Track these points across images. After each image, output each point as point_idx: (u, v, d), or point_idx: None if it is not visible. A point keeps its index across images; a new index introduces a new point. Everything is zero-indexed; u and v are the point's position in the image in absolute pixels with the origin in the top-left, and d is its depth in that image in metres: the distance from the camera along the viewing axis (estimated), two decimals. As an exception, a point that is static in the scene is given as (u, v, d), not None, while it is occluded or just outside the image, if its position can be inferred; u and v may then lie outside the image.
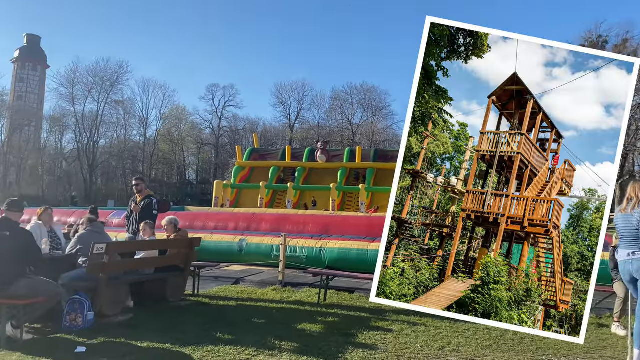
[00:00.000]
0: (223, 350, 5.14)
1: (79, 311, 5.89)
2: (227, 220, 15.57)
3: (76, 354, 4.96)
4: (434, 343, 5.71)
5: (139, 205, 8.73)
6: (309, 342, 5.55)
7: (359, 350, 5.31)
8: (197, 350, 5.11)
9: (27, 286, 5.46)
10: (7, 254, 5.39)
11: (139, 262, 7.46)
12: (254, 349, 5.23)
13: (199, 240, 8.28)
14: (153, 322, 6.37)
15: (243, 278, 10.54)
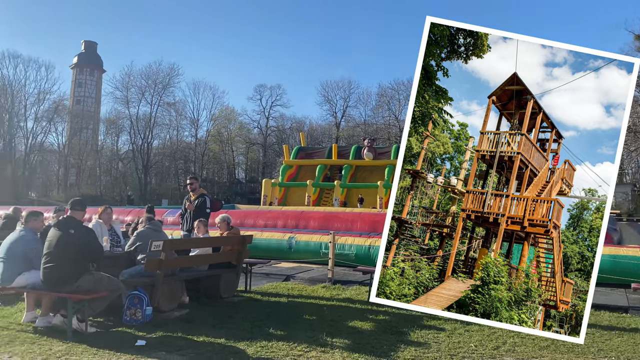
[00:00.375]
0: (276, 346, 5.22)
1: (138, 306, 6.12)
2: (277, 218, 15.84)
3: (137, 347, 5.14)
4: (488, 343, 5.61)
5: (193, 203, 8.97)
6: (360, 340, 5.57)
7: (410, 348, 5.27)
8: (251, 346, 5.21)
9: (91, 281, 5.71)
10: (72, 251, 5.65)
11: (193, 259, 7.65)
12: (306, 345, 5.28)
13: (250, 237, 8.45)
14: (207, 317, 6.54)
15: (293, 275, 10.71)
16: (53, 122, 62.80)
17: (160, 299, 6.52)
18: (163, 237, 7.22)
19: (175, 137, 69.18)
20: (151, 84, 66.02)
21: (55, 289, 5.64)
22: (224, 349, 5.11)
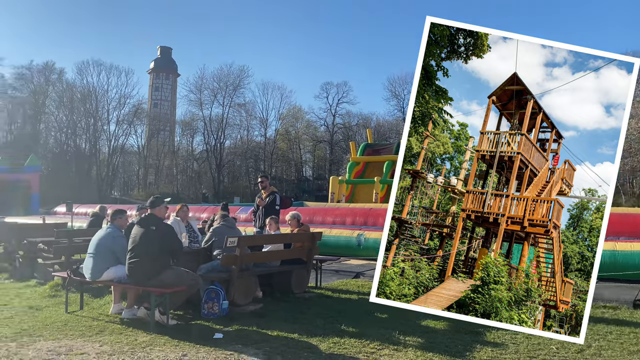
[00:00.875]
0: (348, 343, 5.23)
1: (215, 300, 6.35)
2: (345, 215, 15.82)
3: (215, 340, 5.31)
4: (571, 345, 5.27)
5: (264, 201, 9.24)
6: (434, 339, 5.47)
7: (486, 349, 5.12)
8: (324, 342, 5.25)
9: (172, 276, 5.96)
10: (154, 247, 5.94)
11: (266, 254, 7.82)
12: (378, 342, 5.25)
13: (320, 234, 8.56)
14: (280, 312, 6.65)
15: (363, 272, 10.71)
16: (133, 125, 66.53)
17: (235, 294, 6.74)
18: (237, 233, 7.47)
19: (245, 137, 71.22)
20: (222, 86, 68.28)
21: (140, 282, 5.96)
22: (297, 344, 5.17)
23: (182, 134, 71.84)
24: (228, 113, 68.57)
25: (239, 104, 69.55)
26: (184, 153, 70.62)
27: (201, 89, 68.44)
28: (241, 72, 69.16)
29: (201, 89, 68.46)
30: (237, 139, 71.16)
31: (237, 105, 69.29)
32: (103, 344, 5.13)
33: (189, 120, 69.61)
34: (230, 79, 68.38)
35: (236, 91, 68.64)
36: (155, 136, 68.71)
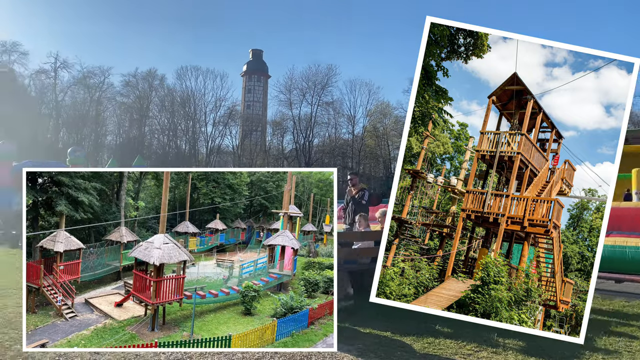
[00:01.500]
0: (444, 343, 5.18)
1: None
2: None
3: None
4: None
5: (354, 198, 9.32)
6: (536, 343, 5.27)
7: (597, 356, 4.89)
8: (417, 341, 5.23)
9: None
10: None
11: (357, 251, 7.82)
12: (476, 344, 5.17)
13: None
14: (371, 310, 6.49)
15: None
16: (228, 126, 70.75)
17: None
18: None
19: (333, 135, 72.81)
20: (311, 85, 70.42)
21: None
22: (390, 342, 5.16)
23: (273, 133, 74.42)
24: (316, 112, 70.80)
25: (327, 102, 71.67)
26: (274, 152, 73.01)
27: (290, 89, 71.13)
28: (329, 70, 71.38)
29: (290, 89, 71.13)
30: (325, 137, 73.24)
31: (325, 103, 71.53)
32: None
33: (279, 120, 72.17)
34: (318, 78, 70.65)
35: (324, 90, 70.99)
36: (248, 136, 72.05)
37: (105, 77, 65.91)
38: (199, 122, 68.12)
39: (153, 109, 68.12)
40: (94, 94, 64.97)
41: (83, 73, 64.53)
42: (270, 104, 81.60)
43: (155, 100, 68.16)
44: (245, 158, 69.80)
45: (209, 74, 69.68)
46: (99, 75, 65.63)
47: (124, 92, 66.67)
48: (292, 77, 72.50)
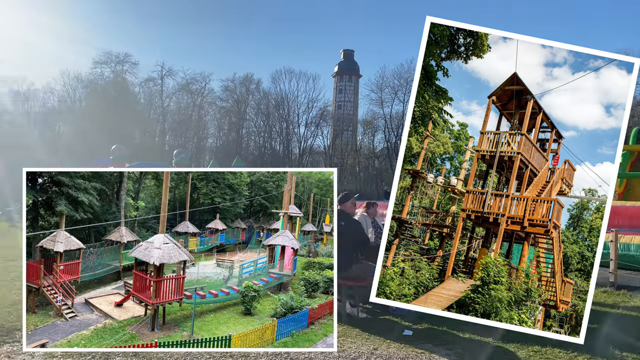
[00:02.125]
0: (551, 352, 4.94)
1: None
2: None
3: (404, 336, 5.38)
4: None
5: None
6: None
7: None
8: (522, 349, 5.05)
9: (360, 270, 6.19)
10: (344, 241, 6.19)
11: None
12: (589, 355, 4.87)
13: None
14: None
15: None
16: (319, 127, 72.57)
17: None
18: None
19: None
20: (403, 82, 70.00)
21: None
22: (493, 349, 5.02)
23: (364, 132, 74.95)
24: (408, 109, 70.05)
25: (420, 99, 72.30)
26: (365, 151, 73.13)
27: (382, 87, 71.08)
28: (421, 67, 72.15)
29: (382, 88, 71.09)
30: (418, 134, 73.71)
31: (416, 100, 72.16)
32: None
33: (370, 119, 72.36)
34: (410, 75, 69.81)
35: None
36: (340, 136, 73.15)
37: (206, 83, 70.49)
38: (292, 123, 70.93)
39: (250, 112, 71.31)
40: (196, 99, 69.77)
41: (186, 80, 69.28)
42: (361, 103, 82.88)
43: (251, 103, 71.28)
44: (337, 158, 70.90)
45: (302, 76, 72.23)
46: (201, 82, 70.12)
47: (223, 96, 70.56)
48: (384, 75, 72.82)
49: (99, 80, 65.17)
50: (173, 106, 69.65)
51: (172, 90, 69.42)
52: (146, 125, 64.97)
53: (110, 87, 63.06)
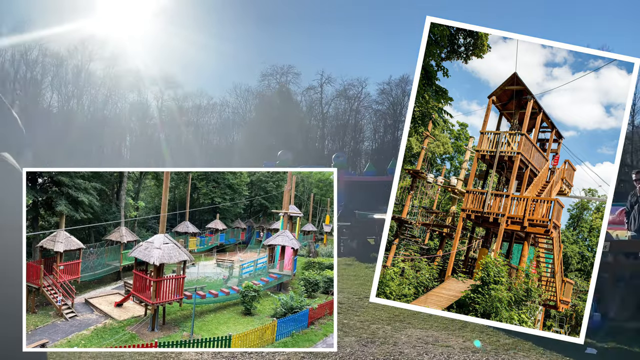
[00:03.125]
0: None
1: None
2: None
3: (586, 354, 4.99)
4: None
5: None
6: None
7: None
8: None
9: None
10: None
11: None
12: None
13: None
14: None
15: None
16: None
17: (610, 305, 6.14)
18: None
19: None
20: None
21: None
22: None
23: None
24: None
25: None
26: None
27: None
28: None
29: None
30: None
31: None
32: (466, 340, 5.40)
33: None
34: None
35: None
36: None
37: (363, 88, 71.43)
38: (445, 123, 71.61)
39: (404, 113, 71.47)
40: (353, 104, 71.51)
41: (344, 86, 70.70)
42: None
43: (407, 104, 71.63)
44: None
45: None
46: (357, 87, 71.15)
47: (379, 99, 71.16)
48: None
49: (266, 91, 69.05)
50: (332, 112, 72.08)
51: (330, 96, 71.52)
52: (308, 131, 68.85)
53: (276, 97, 67.38)
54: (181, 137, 62.76)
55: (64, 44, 57.00)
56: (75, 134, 51.11)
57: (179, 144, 60.48)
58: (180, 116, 63.53)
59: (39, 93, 58.13)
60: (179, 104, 65.60)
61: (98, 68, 61.04)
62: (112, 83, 61.27)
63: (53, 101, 60.22)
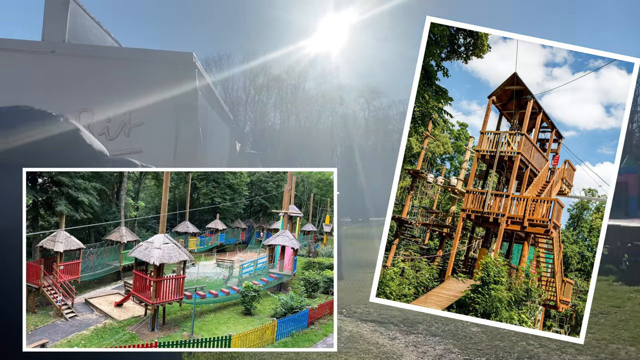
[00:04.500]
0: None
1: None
2: None
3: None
4: None
5: None
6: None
7: None
8: None
9: None
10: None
11: None
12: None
13: None
14: None
15: None
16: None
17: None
18: None
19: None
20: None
21: None
22: None
23: None
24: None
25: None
26: None
27: None
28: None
29: None
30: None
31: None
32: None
33: None
34: None
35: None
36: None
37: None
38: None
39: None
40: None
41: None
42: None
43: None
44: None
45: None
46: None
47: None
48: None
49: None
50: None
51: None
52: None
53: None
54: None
55: (283, 66, 63.42)
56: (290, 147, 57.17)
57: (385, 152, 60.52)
58: (386, 124, 64.98)
59: (265, 112, 64.68)
60: (384, 113, 67.28)
61: (311, 87, 66.45)
62: (324, 99, 65.55)
63: (276, 119, 66.43)
